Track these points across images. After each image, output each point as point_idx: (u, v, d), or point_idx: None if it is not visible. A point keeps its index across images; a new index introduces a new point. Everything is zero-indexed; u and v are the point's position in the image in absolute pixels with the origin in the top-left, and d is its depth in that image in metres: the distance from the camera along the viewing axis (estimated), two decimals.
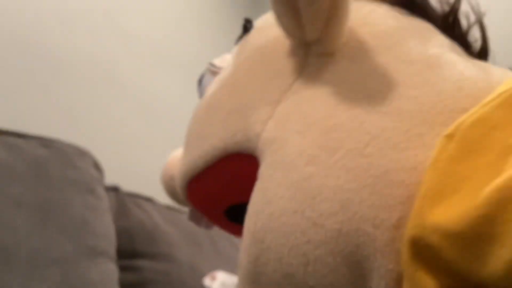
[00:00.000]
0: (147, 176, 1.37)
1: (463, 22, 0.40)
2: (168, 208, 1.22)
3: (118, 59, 1.38)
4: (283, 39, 0.37)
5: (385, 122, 0.30)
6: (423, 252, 0.25)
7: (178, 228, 1.15)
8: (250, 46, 0.40)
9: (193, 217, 0.45)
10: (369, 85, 0.32)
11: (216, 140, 0.37)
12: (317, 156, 0.30)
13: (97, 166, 0.98)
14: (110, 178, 1.18)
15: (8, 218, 0.71)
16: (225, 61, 0.44)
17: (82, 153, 0.94)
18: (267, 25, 0.40)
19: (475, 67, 0.34)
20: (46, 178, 0.80)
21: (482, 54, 0.40)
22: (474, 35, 0.40)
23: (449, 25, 0.39)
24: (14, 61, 1.11)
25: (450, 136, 0.27)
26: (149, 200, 1.20)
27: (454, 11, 0.39)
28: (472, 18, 0.40)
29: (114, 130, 1.32)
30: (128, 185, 1.23)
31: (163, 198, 1.35)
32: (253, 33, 0.42)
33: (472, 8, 0.39)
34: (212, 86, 0.42)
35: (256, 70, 0.37)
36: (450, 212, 0.24)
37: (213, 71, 0.44)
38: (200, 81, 0.47)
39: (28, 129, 1.00)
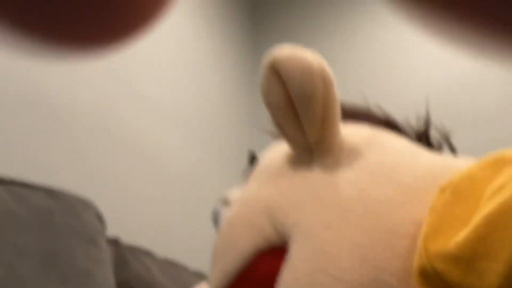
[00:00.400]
0: (147, 228, 1.39)
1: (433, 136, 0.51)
2: (166, 261, 1.24)
3: (123, 115, 1.42)
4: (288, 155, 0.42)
5: (389, 191, 0.35)
6: (430, 278, 0.29)
7: (175, 282, 1.16)
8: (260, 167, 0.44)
9: None
10: (369, 170, 0.37)
11: (245, 242, 0.38)
12: (333, 222, 0.34)
13: (99, 218, 1.00)
14: (111, 229, 1.20)
15: (14, 266, 0.73)
16: (236, 193, 0.47)
17: (86, 205, 0.96)
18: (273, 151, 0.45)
19: (439, 156, 0.42)
20: (52, 228, 0.82)
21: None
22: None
23: (422, 138, 0.49)
24: (22, 113, 1.15)
25: (444, 189, 0.33)
26: (148, 253, 1.21)
27: (425, 131, 0.50)
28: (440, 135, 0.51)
29: (117, 182, 1.34)
30: (128, 236, 1.24)
31: (161, 250, 1.36)
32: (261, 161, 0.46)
33: (439, 130, 0.46)
34: (228, 212, 0.44)
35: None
36: (449, 241, 0.29)
37: (227, 202, 0.47)
38: (215, 218, 0.48)
39: (35, 178, 1.02)
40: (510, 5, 0.12)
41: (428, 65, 1.81)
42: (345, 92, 1.87)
